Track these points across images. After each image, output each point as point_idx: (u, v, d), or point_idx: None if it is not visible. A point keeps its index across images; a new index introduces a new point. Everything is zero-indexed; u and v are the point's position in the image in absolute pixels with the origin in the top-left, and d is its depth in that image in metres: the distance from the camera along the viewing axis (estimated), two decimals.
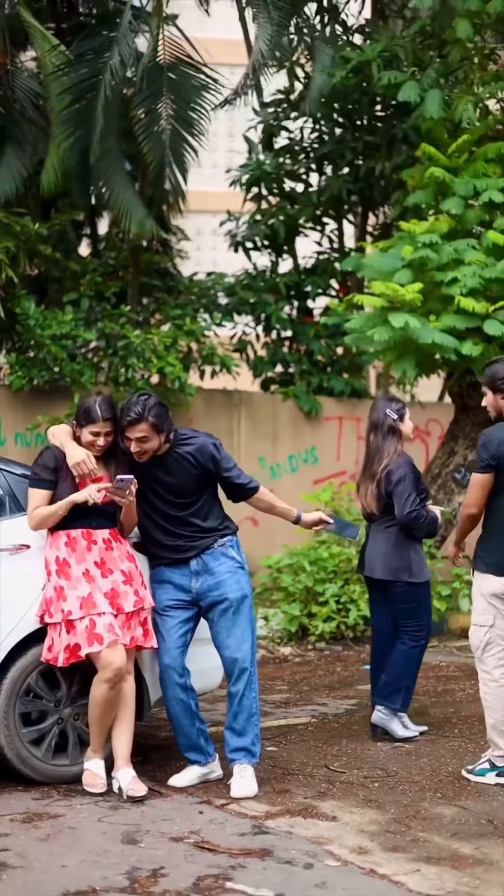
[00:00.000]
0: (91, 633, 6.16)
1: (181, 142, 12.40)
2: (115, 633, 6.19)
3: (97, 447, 6.40)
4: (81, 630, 6.18)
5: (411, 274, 10.55)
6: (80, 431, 6.43)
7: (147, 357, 12.78)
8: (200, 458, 6.51)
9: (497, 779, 6.63)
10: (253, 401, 14.56)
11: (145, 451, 6.38)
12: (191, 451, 6.51)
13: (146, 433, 6.33)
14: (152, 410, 6.33)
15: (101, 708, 6.24)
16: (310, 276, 15.13)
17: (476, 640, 6.79)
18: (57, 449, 6.46)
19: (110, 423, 6.39)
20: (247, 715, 6.44)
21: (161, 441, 6.40)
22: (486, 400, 7.00)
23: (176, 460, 6.49)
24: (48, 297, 14.23)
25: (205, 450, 6.53)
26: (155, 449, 6.40)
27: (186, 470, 6.49)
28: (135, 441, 6.36)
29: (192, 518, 6.54)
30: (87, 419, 6.38)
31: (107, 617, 6.20)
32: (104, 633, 6.16)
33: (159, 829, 5.68)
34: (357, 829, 5.74)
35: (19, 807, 6.01)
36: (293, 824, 5.81)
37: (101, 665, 6.18)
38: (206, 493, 6.62)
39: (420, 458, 15.35)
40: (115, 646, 6.17)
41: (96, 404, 6.38)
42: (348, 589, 11.36)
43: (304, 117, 14.67)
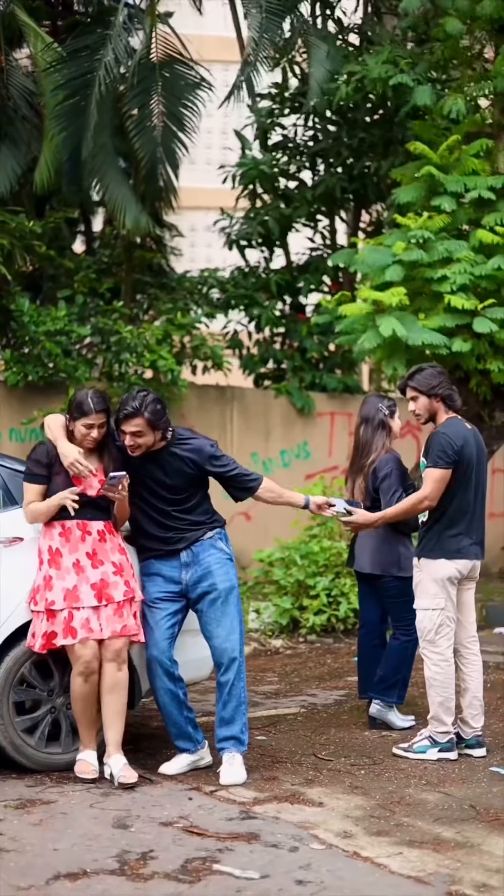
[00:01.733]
0: (67, 626, 6.32)
1: (173, 139, 12.51)
2: (90, 629, 6.33)
3: (90, 439, 6.53)
4: (60, 620, 6.33)
5: (402, 270, 10.66)
6: (73, 425, 6.56)
7: (140, 352, 12.90)
8: (198, 460, 6.64)
9: (440, 754, 6.97)
10: (245, 396, 14.69)
11: (139, 445, 6.51)
12: (188, 454, 6.64)
13: (141, 428, 6.46)
14: (149, 406, 6.47)
15: (80, 702, 6.39)
16: (302, 273, 15.27)
17: (428, 623, 7.12)
18: (50, 443, 6.59)
19: (103, 415, 6.51)
20: (236, 703, 6.58)
21: (156, 438, 6.54)
22: (419, 405, 7.23)
23: (173, 460, 6.63)
24: (42, 294, 14.35)
25: (202, 451, 6.66)
26: (149, 445, 6.53)
27: (182, 470, 6.64)
28: (129, 435, 6.49)
29: (183, 512, 6.68)
30: (80, 412, 6.50)
31: (85, 612, 6.34)
32: (79, 628, 6.31)
33: (149, 814, 5.82)
34: (342, 815, 5.87)
35: (13, 793, 6.14)
36: (280, 810, 5.94)
37: (72, 658, 6.36)
38: (199, 490, 6.76)
39: (412, 452, 15.47)
40: (87, 642, 6.32)
41: (88, 397, 6.51)
42: (339, 582, 11.49)
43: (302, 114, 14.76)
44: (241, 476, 6.77)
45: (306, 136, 15.17)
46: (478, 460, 7.23)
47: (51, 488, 6.52)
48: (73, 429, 6.56)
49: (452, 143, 10.93)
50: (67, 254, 14.56)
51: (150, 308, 14.67)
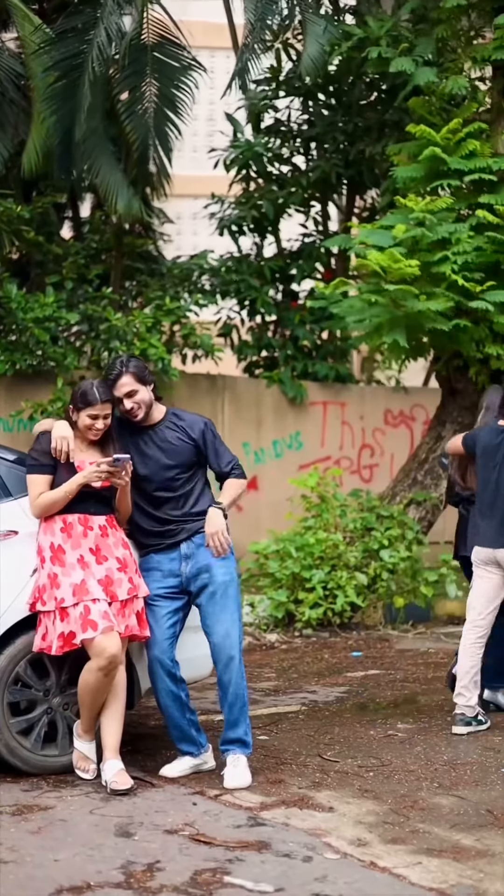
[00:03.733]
0: (85, 620, 6.02)
1: (165, 121, 12.22)
2: (110, 620, 6.05)
3: (95, 430, 6.28)
4: (75, 617, 6.04)
5: (405, 252, 10.41)
6: (76, 415, 6.29)
7: (129, 340, 12.63)
8: (192, 433, 6.49)
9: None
10: (237, 386, 14.44)
11: (138, 404, 6.36)
12: (183, 425, 6.52)
13: (132, 386, 6.34)
14: (130, 363, 6.43)
15: (93, 693, 6.10)
16: (295, 259, 14.99)
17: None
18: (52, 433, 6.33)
19: (108, 406, 6.27)
20: (240, 704, 6.32)
21: (148, 393, 6.40)
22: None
23: (168, 432, 6.47)
24: (30, 281, 14.05)
25: (196, 425, 6.54)
26: (147, 402, 6.39)
27: (179, 441, 6.46)
28: (125, 398, 6.34)
29: (182, 501, 6.45)
30: (85, 402, 6.25)
31: (101, 604, 6.06)
32: (98, 620, 6.02)
33: (153, 821, 5.55)
34: (354, 821, 5.62)
35: (9, 799, 5.87)
36: (289, 815, 5.68)
37: (94, 652, 6.04)
38: (197, 476, 6.55)
39: (405, 443, 15.31)
40: (110, 632, 6.03)
41: (93, 387, 6.27)
42: (335, 575, 11.24)
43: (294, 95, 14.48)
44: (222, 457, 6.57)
45: (300, 120, 14.87)
46: None
47: (56, 480, 6.25)
48: (77, 419, 6.29)
49: (454, 126, 10.68)
50: (56, 239, 14.26)
51: (139, 295, 14.38)
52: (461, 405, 12.00)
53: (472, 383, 11.67)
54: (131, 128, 12.24)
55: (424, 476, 12.11)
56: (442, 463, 12.05)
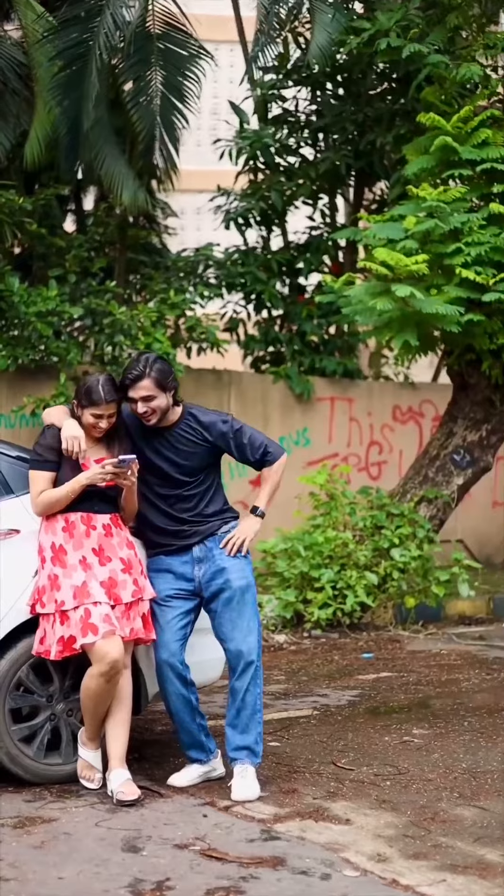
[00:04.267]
0: (86, 624, 5.76)
1: (172, 111, 11.94)
2: (112, 624, 5.79)
3: (98, 430, 6.01)
4: (76, 620, 5.78)
5: (416, 244, 10.14)
6: (80, 412, 6.03)
7: (134, 334, 12.37)
8: (209, 435, 6.17)
9: None
10: (243, 381, 14.16)
11: (153, 410, 6.02)
12: (199, 427, 6.17)
13: (150, 391, 5.98)
14: (154, 366, 6.02)
15: (96, 700, 5.85)
16: (302, 253, 14.71)
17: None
18: (58, 428, 6.05)
19: (114, 406, 6.00)
20: (250, 712, 6.05)
21: (168, 400, 6.05)
22: None
23: (184, 435, 6.15)
24: (32, 274, 13.78)
25: (214, 426, 6.19)
26: (163, 408, 6.05)
27: (195, 444, 6.15)
28: (140, 401, 6.00)
29: (195, 501, 6.17)
30: (90, 401, 5.97)
31: (103, 607, 5.80)
32: (99, 623, 5.76)
33: (161, 834, 5.29)
34: (373, 834, 5.35)
35: (10, 810, 5.61)
36: (304, 828, 5.42)
37: (96, 657, 5.77)
38: (212, 476, 6.27)
39: (413, 439, 15.03)
40: (112, 636, 5.77)
41: (99, 385, 5.98)
42: (345, 574, 10.98)
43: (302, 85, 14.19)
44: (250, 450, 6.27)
45: (308, 110, 14.57)
46: None
47: (59, 477, 5.99)
48: (81, 416, 6.03)
49: (466, 114, 10.42)
50: (58, 232, 13.99)
51: (143, 289, 14.11)
52: (473, 400, 11.74)
53: (485, 377, 11.42)
54: (137, 117, 11.97)
55: (436, 473, 11.84)
56: (454, 460, 11.82)
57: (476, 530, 15.08)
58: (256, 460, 6.30)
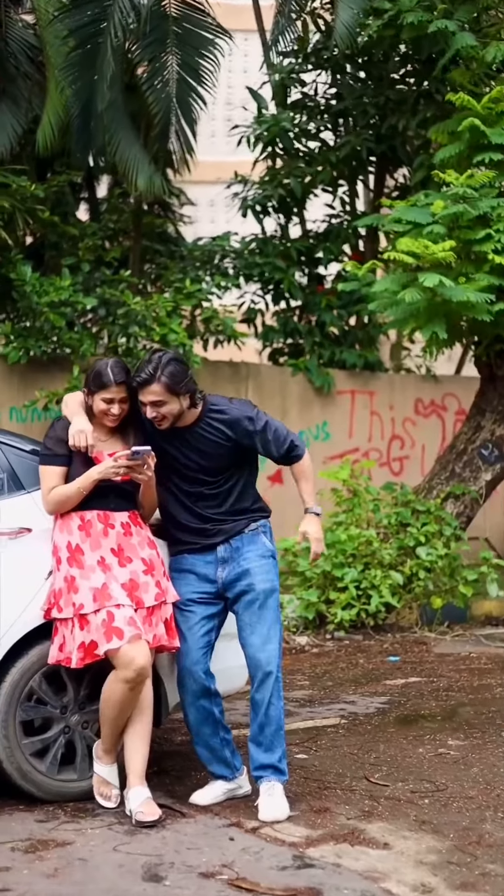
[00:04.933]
0: (109, 628, 5.34)
1: (189, 92, 11.52)
2: (138, 627, 5.37)
3: (111, 416, 5.59)
4: (97, 625, 5.36)
5: (443, 230, 9.71)
6: (91, 399, 5.61)
7: (149, 325, 11.96)
8: (232, 434, 5.70)
9: None
10: (261, 373, 13.75)
11: (164, 416, 5.55)
12: (222, 426, 5.70)
13: (160, 396, 5.50)
14: (166, 368, 5.50)
15: (117, 709, 5.43)
16: (321, 241, 14.27)
17: None
18: (68, 420, 5.65)
19: (124, 388, 5.57)
20: (275, 728, 5.61)
21: (182, 405, 5.57)
22: None
23: (205, 435, 5.68)
24: (45, 264, 13.37)
25: (238, 424, 5.71)
26: (175, 414, 5.57)
27: (217, 445, 5.69)
28: (149, 406, 5.53)
29: (223, 498, 5.74)
30: (98, 384, 5.56)
31: (126, 609, 5.38)
32: (125, 627, 5.33)
33: (185, 860, 4.87)
34: (415, 860, 4.92)
35: (21, 832, 5.20)
36: (340, 853, 4.99)
37: (121, 663, 5.36)
38: (240, 471, 5.83)
39: (436, 433, 14.61)
40: (138, 641, 5.36)
41: (108, 367, 5.56)
42: (369, 574, 10.57)
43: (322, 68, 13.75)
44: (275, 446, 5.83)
45: (328, 94, 14.13)
46: None
47: (70, 472, 5.59)
48: (92, 403, 5.61)
49: (497, 95, 9.99)
50: (71, 220, 13.58)
51: (158, 278, 13.69)
52: (502, 392, 11.31)
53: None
54: (153, 100, 11.55)
55: (463, 468, 11.41)
56: (482, 454, 11.38)
57: (503, 527, 14.64)
58: (281, 455, 5.86)
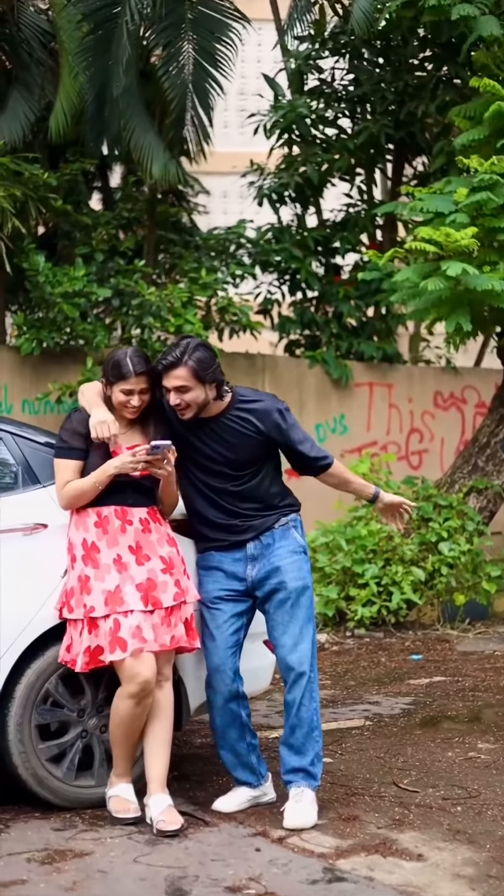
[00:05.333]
0: (114, 637, 5.10)
1: (205, 77, 11.27)
2: (143, 639, 5.12)
3: (131, 407, 5.34)
4: (105, 631, 5.12)
5: (467, 218, 9.45)
6: (109, 390, 5.36)
7: (164, 316, 11.72)
8: (262, 426, 5.45)
9: None
10: (277, 365, 13.48)
11: (187, 404, 5.30)
12: (251, 416, 5.45)
13: (185, 381, 5.26)
14: (194, 353, 5.27)
15: (125, 727, 5.19)
16: (339, 230, 14.00)
17: None
18: (86, 412, 5.39)
19: (144, 379, 5.31)
20: (307, 729, 5.39)
21: (206, 393, 5.32)
22: None
23: (232, 426, 5.43)
24: (58, 254, 13.13)
25: (269, 416, 5.46)
26: (199, 403, 5.32)
27: (245, 437, 5.44)
28: (173, 391, 5.29)
29: (250, 493, 5.48)
30: (118, 375, 5.31)
31: (134, 617, 5.14)
32: (128, 639, 5.09)
33: (209, 873, 4.62)
34: (451, 873, 4.68)
35: (38, 841, 4.97)
36: (372, 866, 4.75)
37: (125, 677, 5.12)
38: (268, 464, 5.57)
39: (456, 426, 14.35)
40: (141, 654, 5.12)
41: (127, 357, 5.31)
42: (390, 570, 10.32)
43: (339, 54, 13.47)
44: (310, 457, 5.57)
45: (345, 81, 13.85)
46: None
47: (87, 466, 5.35)
48: (111, 394, 5.37)
49: None
50: (84, 209, 13.33)
51: (172, 268, 13.44)
52: None
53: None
54: (168, 85, 11.31)
55: (486, 462, 11.16)
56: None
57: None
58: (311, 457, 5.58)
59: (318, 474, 5.65)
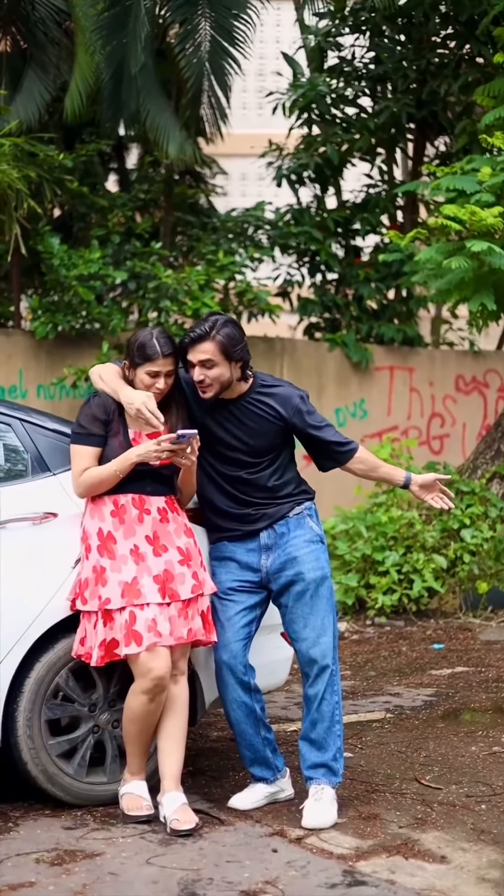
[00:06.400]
0: (130, 630, 4.92)
1: (222, 56, 11.07)
2: (158, 633, 4.94)
3: (156, 391, 5.14)
4: (120, 624, 4.95)
5: (492, 198, 9.24)
6: (132, 373, 5.16)
7: (181, 299, 11.54)
8: (283, 412, 5.27)
9: None
10: (297, 349, 13.28)
11: (211, 381, 5.13)
12: (272, 401, 5.28)
13: (212, 355, 5.09)
14: (223, 329, 5.12)
15: (139, 724, 5.02)
16: (359, 211, 13.77)
17: None
18: (107, 396, 5.20)
19: (171, 360, 5.13)
20: (328, 724, 5.21)
21: (231, 372, 5.16)
22: None
23: (253, 409, 5.26)
24: (73, 236, 12.97)
25: (290, 401, 5.29)
26: (223, 381, 5.15)
27: (266, 422, 5.26)
28: (198, 365, 5.11)
29: (265, 481, 5.31)
30: (144, 356, 5.10)
31: (150, 610, 4.96)
32: (144, 633, 4.92)
33: (224, 875, 4.45)
34: (476, 876, 4.49)
35: (47, 840, 4.80)
36: (393, 868, 4.57)
37: (138, 671, 4.95)
38: (283, 452, 5.39)
39: (478, 410, 14.13)
40: (156, 649, 4.95)
41: (154, 338, 5.11)
42: (411, 557, 10.13)
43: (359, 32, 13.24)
44: (334, 442, 5.39)
45: (366, 59, 13.61)
46: None
47: (105, 453, 5.16)
48: (133, 378, 5.16)
49: None
50: (100, 191, 13.15)
51: (190, 251, 13.25)
52: None
53: None
54: (185, 64, 11.12)
55: None
56: None
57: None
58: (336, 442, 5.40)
59: (345, 462, 5.46)
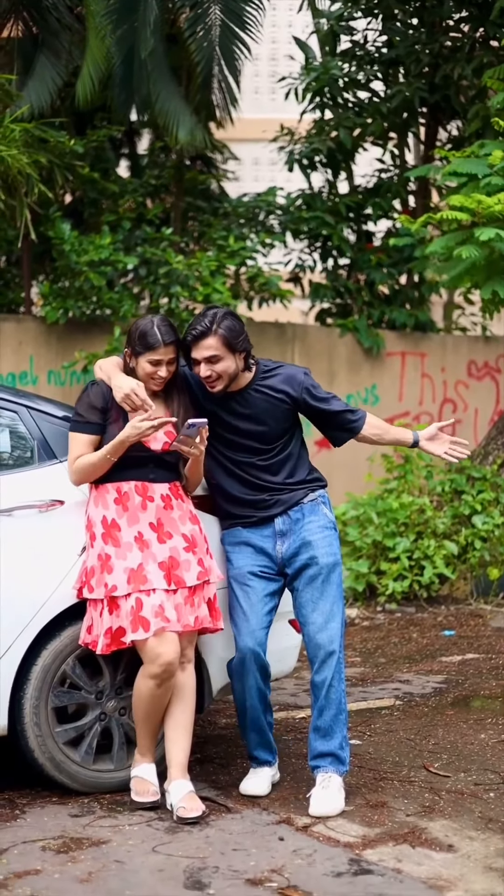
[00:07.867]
0: (136, 616, 4.91)
1: (233, 40, 11.01)
2: (166, 619, 4.93)
3: (158, 379, 5.13)
4: (126, 611, 4.93)
5: (502, 181, 9.18)
6: (135, 361, 5.15)
7: (192, 285, 11.51)
8: (291, 390, 5.28)
9: None
10: (308, 335, 13.24)
11: (218, 375, 5.13)
12: (279, 384, 5.28)
13: (216, 350, 5.10)
14: (223, 322, 5.13)
15: (147, 708, 5.02)
16: (371, 196, 13.70)
17: None
18: (105, 384, 5.19)
19: (173, 349, 5.12)
20: (335, 711, 5.19)
21: (237, 363, 5.16)
22: None
23: (260, 397, 5.27)
24: (84, 222, 12.94)
25: (295, 379, 5.31)
26: (230, 373, 5.16)
27: (275, 407, 5.27)
28: (204, 363, 5.12)
29: (278, 467, 5.31)
30: (145, 345, 5.09)
31: (157, 596, 4.95)
32: (151, 618, 4.91)
33: (230, 864, 4.44)
34: (483, 865, 4.47)
35: (53, 828, 4.80)
36: (400, 856, 4.55)
37: (147, 657, 4.94)
38: (295, 438, 5.40)
39: (490, 396, 14.09)
40: (164, 634, 4.93)
41: (154, 326, 5.10)
42: (422, 544, 10.10)
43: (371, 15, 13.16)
44: (345, 412, 5.40)
45: (379, 42, 13.53)
46: None
47: (104, 441, 5.14)
48: (135, 366, 5.15)
49: None
50: (111, 176, 13.11)
51: (201, 236, 13.21)
52: None
53: None
54: (195, 48, 11.05)
55: None
56: None
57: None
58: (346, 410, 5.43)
59: (359, 430, 5.45)
